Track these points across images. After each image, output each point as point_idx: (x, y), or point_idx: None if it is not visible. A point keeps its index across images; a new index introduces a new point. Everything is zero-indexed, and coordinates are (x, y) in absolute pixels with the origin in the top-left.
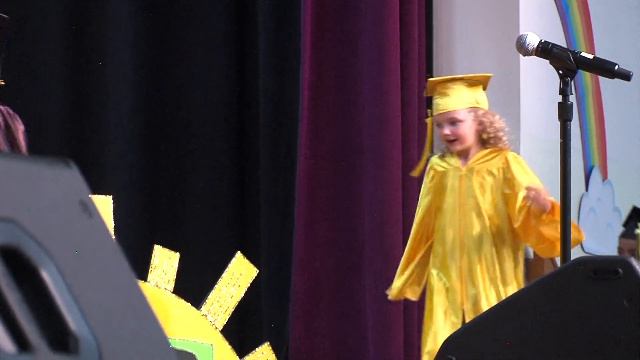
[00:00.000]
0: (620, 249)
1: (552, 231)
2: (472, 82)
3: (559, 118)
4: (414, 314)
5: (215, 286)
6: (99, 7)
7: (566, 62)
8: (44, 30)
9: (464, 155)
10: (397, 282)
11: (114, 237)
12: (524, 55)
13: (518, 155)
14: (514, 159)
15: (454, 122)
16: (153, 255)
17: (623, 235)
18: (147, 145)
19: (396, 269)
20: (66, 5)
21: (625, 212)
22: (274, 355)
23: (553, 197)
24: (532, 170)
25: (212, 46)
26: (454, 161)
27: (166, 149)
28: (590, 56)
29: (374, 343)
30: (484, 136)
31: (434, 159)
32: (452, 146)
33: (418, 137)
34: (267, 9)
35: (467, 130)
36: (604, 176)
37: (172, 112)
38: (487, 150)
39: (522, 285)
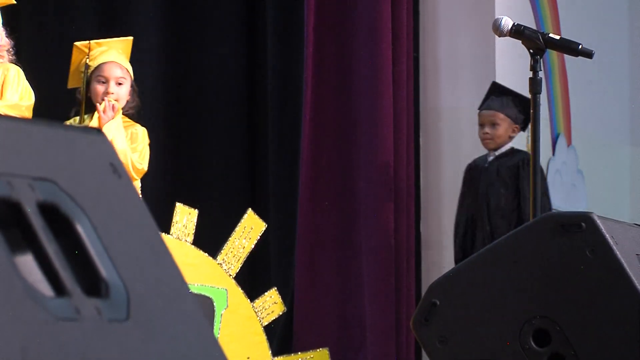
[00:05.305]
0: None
1: None
2: None
3: (529, 91)
4: (411, 263)
5: (229, 238)
6: (126, 9)
7: (536, 42)
8: (74, 29)
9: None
10: None
11: (140, 195)
12: (499, 37)
13: None
14: None
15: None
16: (175, 212)
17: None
18: (170, 121)
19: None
20: (95, 6)
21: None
22: (280, 298)
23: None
24: None
25: (227, 34)
26: None
27: (186, 122)
28: (557, 37)
29: (370, 290)
30: None
31: None
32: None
33: (406, 109)
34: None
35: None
36: (569, 142)
37: (192, 86)
38: None
39: None
